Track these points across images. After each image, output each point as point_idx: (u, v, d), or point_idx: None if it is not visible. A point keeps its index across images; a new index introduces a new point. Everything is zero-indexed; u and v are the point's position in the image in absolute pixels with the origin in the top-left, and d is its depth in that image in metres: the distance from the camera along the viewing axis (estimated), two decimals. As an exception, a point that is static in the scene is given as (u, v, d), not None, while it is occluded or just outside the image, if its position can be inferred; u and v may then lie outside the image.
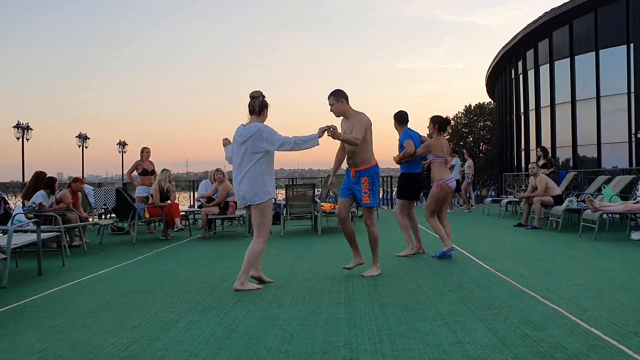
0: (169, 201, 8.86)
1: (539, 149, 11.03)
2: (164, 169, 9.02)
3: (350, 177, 4.86)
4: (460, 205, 14.15)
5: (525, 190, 10.41)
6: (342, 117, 4.89)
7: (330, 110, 4.81)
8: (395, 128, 6.02)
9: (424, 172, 6.83)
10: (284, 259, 6.07)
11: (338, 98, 4.77)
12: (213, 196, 8.87)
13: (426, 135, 6.22)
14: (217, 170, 9.05)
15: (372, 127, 4.82)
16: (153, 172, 9.52)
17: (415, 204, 6.21)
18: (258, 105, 4.51)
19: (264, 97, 4.57)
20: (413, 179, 5.97)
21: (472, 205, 13.62)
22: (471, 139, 47.79)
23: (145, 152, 9.60)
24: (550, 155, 11.56)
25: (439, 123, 5.92)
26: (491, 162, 39.34)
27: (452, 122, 47.20)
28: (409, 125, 6.00)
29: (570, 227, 8.44)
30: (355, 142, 4.61)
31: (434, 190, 5.82)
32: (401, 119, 5.99)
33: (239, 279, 4.34)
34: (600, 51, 19.33)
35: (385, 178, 17.46)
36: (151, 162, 9.64)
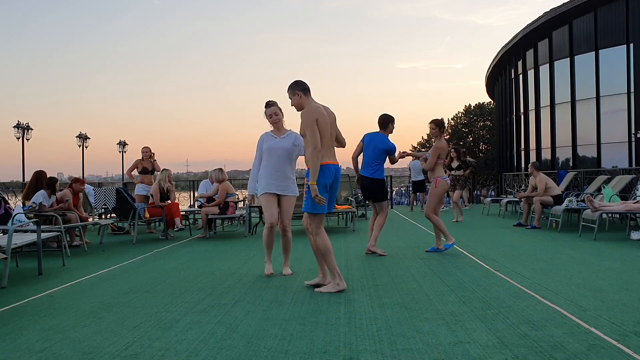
0: (169, 201, 8.87)
1: (452, 151, 11.04)
2: (164, 169, 9.04)
3: None
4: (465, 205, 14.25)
5: (525, 190, 10.42)
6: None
7: (291, 105, 4.32)
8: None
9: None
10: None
11: (292, 92, 4.25)
12: (214, 196, 8.87)
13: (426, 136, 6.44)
14: (216, 170, 9.06)
15: (325, 119, 4.14)
16: (153, 171, 9.52)
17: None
18: None
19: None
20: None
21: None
22: (471, 138, 47.81)
23: (144, 151, 9.63)
24: (463, 157, 11.44)
25: (441, 126, 6.22)
26: (491, 162, 39.35)
27: (452, 123, 47.32)
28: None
29: (570, 227, 8.45)
30: (315, 161, 4.01)
31: (433, 186, 6.12)
32: (378, 122, 6.15)
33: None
34: (600, 51, 19.36)
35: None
36: (152, 162, 9.64)
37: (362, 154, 6.09)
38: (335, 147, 4.36)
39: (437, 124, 6.18)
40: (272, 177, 4.93)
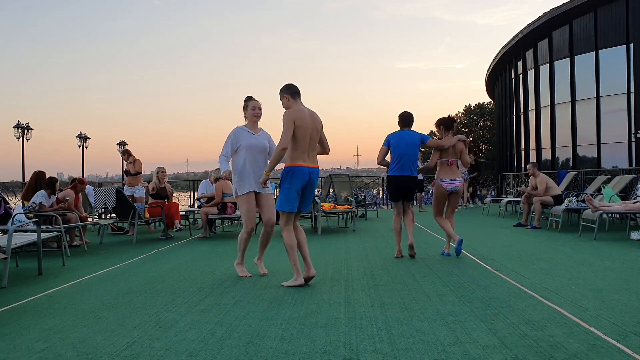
0: (166, 200, 8.94)
1: None
2: (157, 167, 9.15)
3: None
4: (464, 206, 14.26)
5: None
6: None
7: (283, 106, 4.53)
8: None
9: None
10: (284, 258, 6.06)
11: (281, 94, 4.50)
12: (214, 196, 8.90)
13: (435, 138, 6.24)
14: (216, 170, 9.09)
15: (305, 123, 4.33)
16: (134, 173, 9.83)
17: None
18: None
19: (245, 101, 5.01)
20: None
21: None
22: (471, 138, 47.81)
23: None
24: None
25: (443, 124, 6.05)
26: (491, 162, 39.34)
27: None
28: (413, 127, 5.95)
29: (570, 227, 8.45)
30: (277, 158, 4.36)
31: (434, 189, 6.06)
32: (401, 121, 5.95)
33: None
34: (600, 51, 19.34)
35: (384, 178, 17.52)
36: (132, 163, 9.89)
37: (386, 155, 5.92)
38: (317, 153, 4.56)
39: (442, 124, 6.03)
40: (256, 174, 4.81)
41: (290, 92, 4.44)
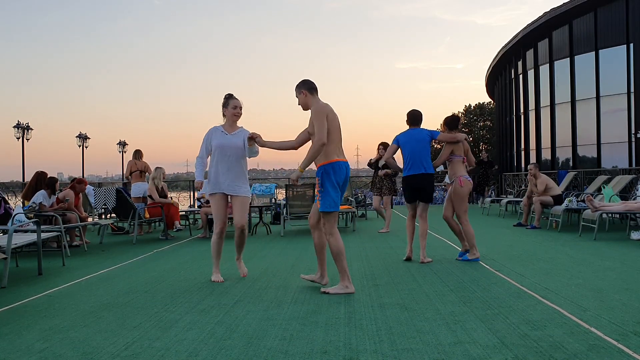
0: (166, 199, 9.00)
1: (381, 146, 9.32)
2: (156, 168, 9.16)
3: None
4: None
5: (526, 191, 10.43)
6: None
7: (298, 104, 4.39)
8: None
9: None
10: (284, 258, 6.08)
11: (298, 90, 4.34)
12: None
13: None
14: None
15: (335, 117, 4.21)
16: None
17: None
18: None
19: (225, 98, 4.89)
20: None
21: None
22: (471, 139, 47.83)
23: None
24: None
25: (446, 123, 5.89)
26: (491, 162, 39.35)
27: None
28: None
29: (570, 227, 8.45)
30: (316, 154, 4.10)
31: (457, 186, 5.67)
32: (409, 119, 5.75)
33: None
34: (600, 51, 19.34)
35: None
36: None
37: (394, 154, 5.74)
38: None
39: (445, 124, 5.88)
40: (223, 176, 4.71)
41: (307, 88, 4.29)
